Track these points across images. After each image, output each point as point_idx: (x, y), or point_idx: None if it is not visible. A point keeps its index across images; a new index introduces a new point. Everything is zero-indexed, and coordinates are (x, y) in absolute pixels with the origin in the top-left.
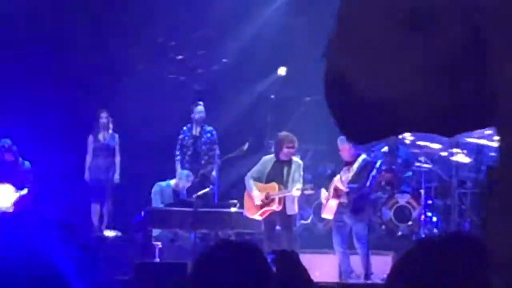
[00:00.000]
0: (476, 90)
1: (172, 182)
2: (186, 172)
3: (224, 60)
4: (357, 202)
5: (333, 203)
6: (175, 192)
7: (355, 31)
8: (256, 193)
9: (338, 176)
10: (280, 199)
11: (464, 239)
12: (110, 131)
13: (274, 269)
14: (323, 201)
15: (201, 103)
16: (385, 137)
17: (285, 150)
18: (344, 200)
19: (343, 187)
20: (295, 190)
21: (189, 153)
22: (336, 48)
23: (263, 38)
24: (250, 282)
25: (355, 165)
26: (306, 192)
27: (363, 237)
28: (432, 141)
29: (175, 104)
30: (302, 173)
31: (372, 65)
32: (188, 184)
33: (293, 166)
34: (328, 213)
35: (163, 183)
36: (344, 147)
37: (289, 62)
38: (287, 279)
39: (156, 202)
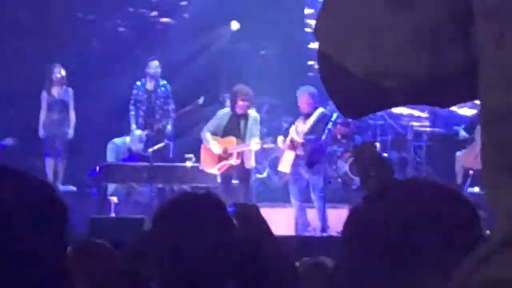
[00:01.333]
0: (462, 58)
1: (128, 139)
2: (138, 133)
3: (171, 21)
4: (313, 154)
5: (290, 155)
6: (130, 150)
7: (341, 14)
8: (214, 144)
9: (293, 127)
10: (238, 153)
11: (423, 184)
12: (64, 86)
13: (234, 221)
14: (280, 147)
15: (155, 58)
16: (377, 111)
17: (239, 102)
18: (300, 152)
19: (298, 138)
20: (254, 144)
21: (143, 108)
22: (323, 25)
23: None
24: (212, 233)
25: (312, 117)
26: (265, 145)
27: (319, 190)
28: None
29: (130, 58)
30: (259, 127)
31: (357, 40)
32: (141, 146)
33: (250, 120)
34: (284, 166)
35: (118, 141)
36: (303, 99)
37: (243, 16)
38: (248, 232)
39: (111, 159)
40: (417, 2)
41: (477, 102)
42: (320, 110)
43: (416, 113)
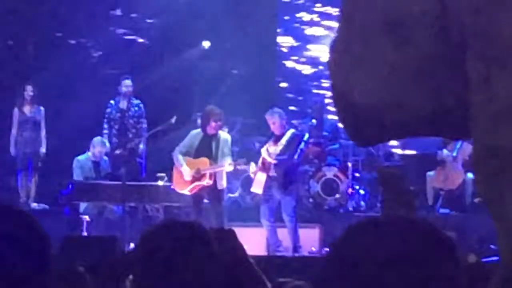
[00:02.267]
0: (457, 95)
1: (90, 153)
2: (98, 138)
3: (145, 39)
4: (286, 175)
5: (262, 177)
6: (95, 163)
7: (352, 46)
8: (185, 168)
9: (264, 148)
10: (211, 174)
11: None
12: (35, 104)
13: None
14: (251, 175)
15: (128, 77)
16: (387, 141)
17: (212, 123)
18: (272, 173)
19: (270, 159)
20: (228, 165)
21: (116, 127)
22: (335, 62)
23: (188, 12)
24: (196, 265)
25: (284, 138)
26: (239, 167)
27: (291, 210)
28: None
29: (101, 77)
30: (230, 147)
31: (363, 76)
32: (104, 150)
33: (221, 140)
34: (257, 187)
35: (81, 157)
36: (274, 121)
37: (214, 34)
38: (225, 258)
39: (77, 177)
40: (415, 37)
41: None
42: (292, 131)
43: None
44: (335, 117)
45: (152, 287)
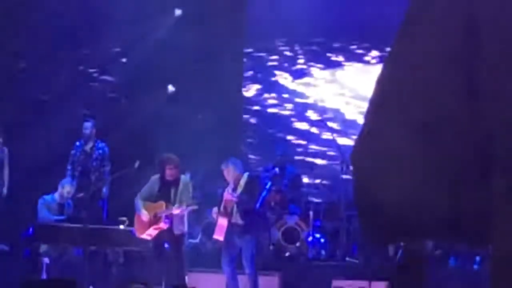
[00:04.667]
0: (477, 203)
1: (56, 195)
2: (68, 179)
3: (110, 79)
4: (247, 221)
5: (223, 222)
6: (60, 205)
7: (376, 142)
8: (144, 212)
9: (225, 191)
10: (167, 217)
11: None
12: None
13: None
14: (214, 216)
15: (88, 119)
16: (400, 241)
17: (167, 171)
18: (235, 220)
19: (232, 198)
20: (176, 208)
21: (79, 169)
22: (359, 157)
23: (153, 55)
24: None
25: (241, 182)
26: (190, 207)
27: (251, 257)
28: (323, 162)
29: (64, 117)
30: (191, 191)
31: (388, 173)
32: (72, 190)
33: (181, 185)
34: (218, 234)
35: (47, 197)
36: (228, 170)
37: (181, 79)
38: None
39: (43, 215)
40: (444, 140)
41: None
42: (245, 174)
43: (350, 182)
44: (297, 164)
45: None
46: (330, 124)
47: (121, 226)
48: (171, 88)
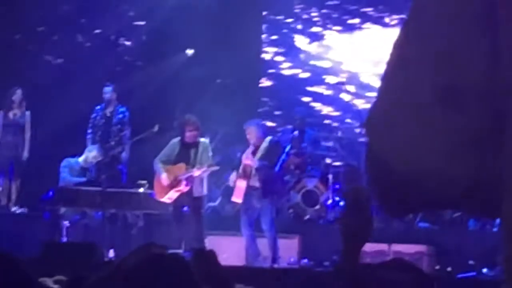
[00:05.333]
0: (495, 171)
1: (81, 159)
2: (95, 146)
3: (128, 43)
4: (266, 184)
5: (242, 184)
6: (83, 169)
7: (393, 107)
8: (164, 175)
9: (245, 154)
10: (187, 180)
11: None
12: (23, 109)
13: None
14: (231, 183)
15: (108, 84)
16: (415, 213)
17: (187, 133)
18: (253, 182)
19: (251, 162)
20: (196, 169)
21: (99, 133)
22: (375, 120)
23: (174, 18)
24: None
25: (263, 145)
26: (211, 168)
27: (270, 221)
28: (339, 128)
29: (87, 81)
30: (210, 154)
31: (407, 141)
32: (99, 157)
33: (200, 148)
34: (237, 196)
35: (72, 160)
36: (251, 131)
37: (199, 43)
38: (205, 280)
39: (65, 176)
40: (467, 105)
41: None
42: (269, 138)
43: None
44: (317, 128)
45: None
46: (347, 87)
47: (141, 190)
48: (189, 51)
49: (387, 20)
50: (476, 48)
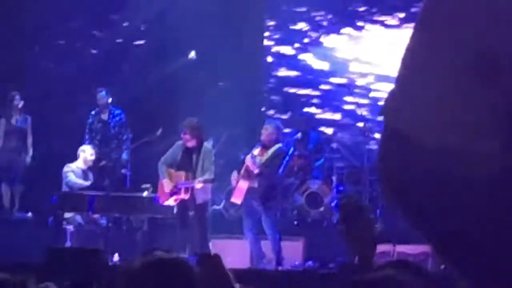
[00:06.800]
0: None
1: (79, 162)
2: (87, 145)
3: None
4: (267, 190)
5: (244, 185)
6: (84, 172)
7: (421, 77)
8: (166, 181)
9: (249, 156)
10: (187, 188)
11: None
12: (23, 114)
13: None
14: (233, 182)
15: (102, 89)
16: (426, 208)
17: (182, 137)
18: (254, 185)
19: (254, 167)
20: (198, 183)
21: (98, 137)
22: (398, 98)
23: (175, 22)
24: None
25: (270, 150)
26: (207, 183)
27: (272, 225)
28: (343, 130)
29: (85, 86)
30: (213, 160)
31: (434, 114)
32: (94, 152)
33: (202, 153)
34: (237, 197)
35: (72, 165)
36: (268, 129)
37: (202, 46)
38: (210, 284)
39: (71, 179)
40: (503, 80)
41: None
42: (279, 145)
43: (373, 146)
44: (321, 130)
45: None
46: (351, 88)
47: (145, 193)
48: (192, 54)
49: (391, 21)
50: (508, 17)
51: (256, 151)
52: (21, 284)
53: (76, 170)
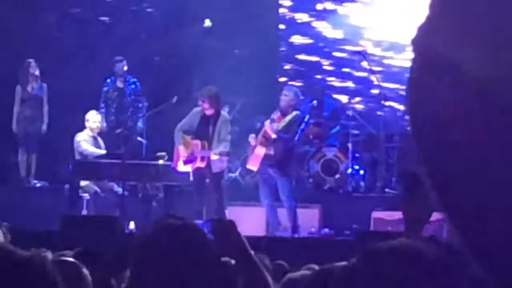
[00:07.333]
0: None
1: (88, 131)
2: (93, 111)
3: (149, 10)
4: (283, 156)
5: (260, 151)
6: (94, 138)
7: (452, 15)
8: (181, 148)
9: (268, 121)
10: (203, 157)
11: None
12: (39, 81)
13: (211, 237)
14: (252, 142)
15: (119, 58)
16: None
17: (200, 104)
18: (270, 151)
19: (271, 132)
20: (213, 154)
21: (114, 105)
22: (426, 38)
23: None
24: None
25: (288, 117)
26: (223, 156)
27: (288, 192)
28: (357, 97)
29: (101, 53)
30: (229, 129)
31: (479, 39)
32: (95, 124)
33: (219, 122)
34: (253, 164)
35: (82, 134)
36: (287, 96)
37: (217, 14)
38: (224, 250)
39: (86, 148)
40: None
41: None
42: (297, 112)
43: (388, 115)
44: (336, 97)
45: (149, 285)
46: (367, 55)
47: (160, 161)
48: (207, 22)
49: None
50: None
51: (275, 116)
52: (41, 265)
53: (87, 138)
